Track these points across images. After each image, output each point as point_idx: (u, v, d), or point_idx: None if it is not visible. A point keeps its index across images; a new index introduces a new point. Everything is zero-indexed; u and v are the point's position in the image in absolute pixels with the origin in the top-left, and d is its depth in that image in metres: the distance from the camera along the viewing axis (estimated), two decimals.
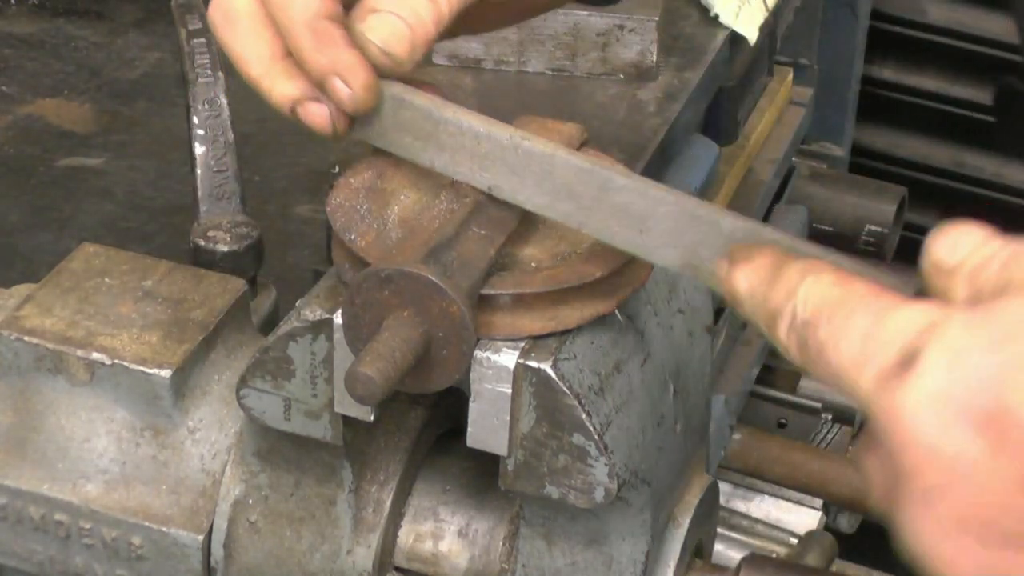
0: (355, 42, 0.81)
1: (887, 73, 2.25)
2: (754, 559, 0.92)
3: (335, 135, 0.83)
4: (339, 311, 0.80)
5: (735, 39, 1.48)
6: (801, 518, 1.80)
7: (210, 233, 1.01)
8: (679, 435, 0.89)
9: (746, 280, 0.71)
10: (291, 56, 0.82)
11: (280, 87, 0.83)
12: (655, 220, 0.77)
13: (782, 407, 1.83)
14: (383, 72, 0.81)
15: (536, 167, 0.80)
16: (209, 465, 0.92)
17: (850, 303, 0.65)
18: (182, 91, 1.06)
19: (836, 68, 2.02)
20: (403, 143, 0.83)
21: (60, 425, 0.93)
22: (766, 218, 1.72)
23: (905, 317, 0.63)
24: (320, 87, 0.81)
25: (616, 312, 0.83)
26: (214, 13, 0.84)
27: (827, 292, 0.67)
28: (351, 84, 0.80)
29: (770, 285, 0.69)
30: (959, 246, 0.67)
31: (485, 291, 0.78)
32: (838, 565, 1.83)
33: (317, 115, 0.82)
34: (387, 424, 0.90)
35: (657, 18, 1.39)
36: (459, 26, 0.87)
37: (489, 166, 0.81)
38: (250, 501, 0.90)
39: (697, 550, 0.95)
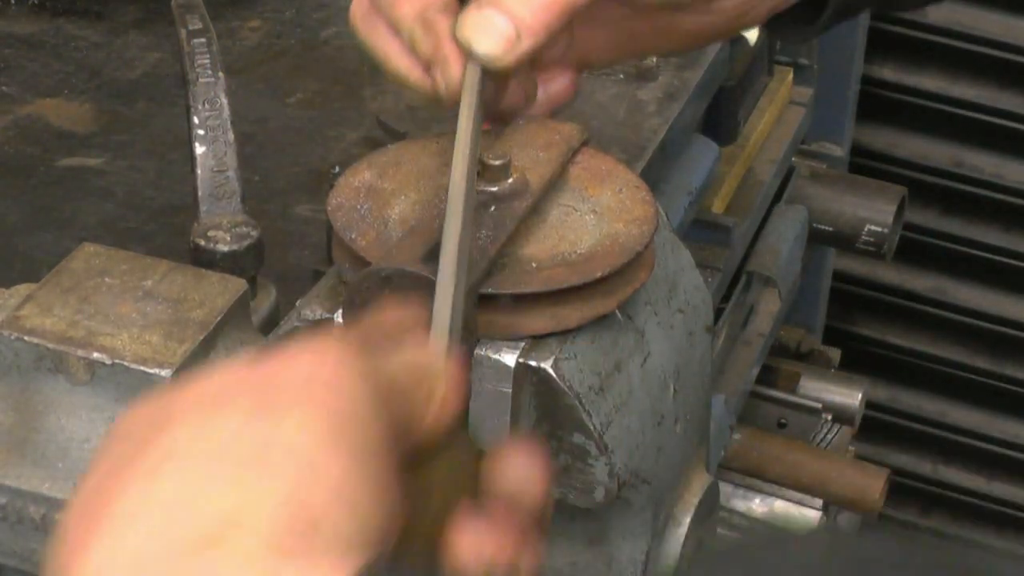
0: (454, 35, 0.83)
1: (887, 73, 2.25)
2: None
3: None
4: (339, 311, 0.80)
5: (735, 39, 1.48)
6: (801, 518, 1.80)
7: (210, 233, 1.01)
8: (679, 435, 0.89)
9: None
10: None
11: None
12: None
13: (782, 407, 1.83)
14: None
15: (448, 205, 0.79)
16: None
17: None
18: (182, 91, 1.06)
19: (836, 68, 2.01)
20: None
21: (60, 425, 0.93)
22: (766, 218, 1.72)
23: None
24: (429, 71, 0.84)
25: (616, 312, 0.83)
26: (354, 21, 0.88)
27: None
28: (445, 77, 0.82)
29: None
30: None
31: (485, 291, 0.78)
32: None
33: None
34: None
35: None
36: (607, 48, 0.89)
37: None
38: None
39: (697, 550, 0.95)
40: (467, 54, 0.82)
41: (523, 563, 0.65)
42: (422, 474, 0.64)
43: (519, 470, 0.65)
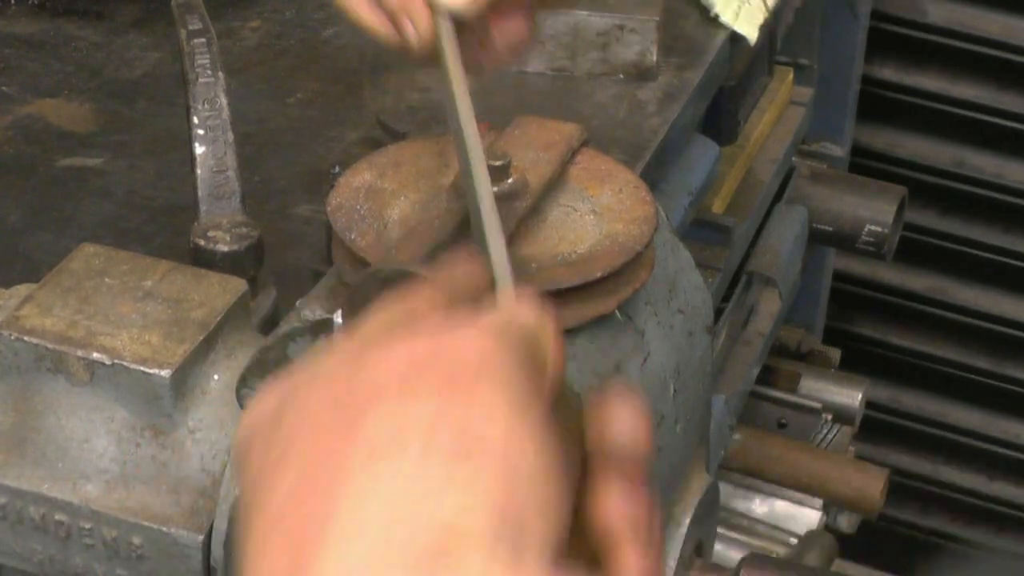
0: None
1: (887, 73, 2.25)
2: (754, 559, 0.92)
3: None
4: (339, 311, 0.80)
5: (735, 39, 1.48)
6: (801, 518, 1.80)
7: (210, 233, 1.01)
8: (679, 435, 0.89)
9: None
10: None
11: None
12: None
13: (782, 407, 1.83)
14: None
15: (460, 152, 0.79)
16: (209, 465, 0.92)
17: None
18: (182, 91, 1.06)
19: (836, 68, 2.01)
20: (442, 82, 0.84)
21: (60, 425, 0.93)
22: (766, 218, 1.72)
23: None
24: (395, 23, 0.85)
25: (616, 312, 0.83)
26: None
27: None
28: (416, 25, 0.83)
29: None
30: None
31: None
32: (838, 565, 1.83)
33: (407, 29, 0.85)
34: None
35: (657, 18, 1.38)
36: None
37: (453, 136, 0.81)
38: None
39: (697, 550, 0.95)
40: (434, 8, 0.83)
41: (655, 518, 0.63)
42: None
43: (624, 421, 0.63)
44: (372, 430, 0.57)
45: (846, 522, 1.90)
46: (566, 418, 0.63)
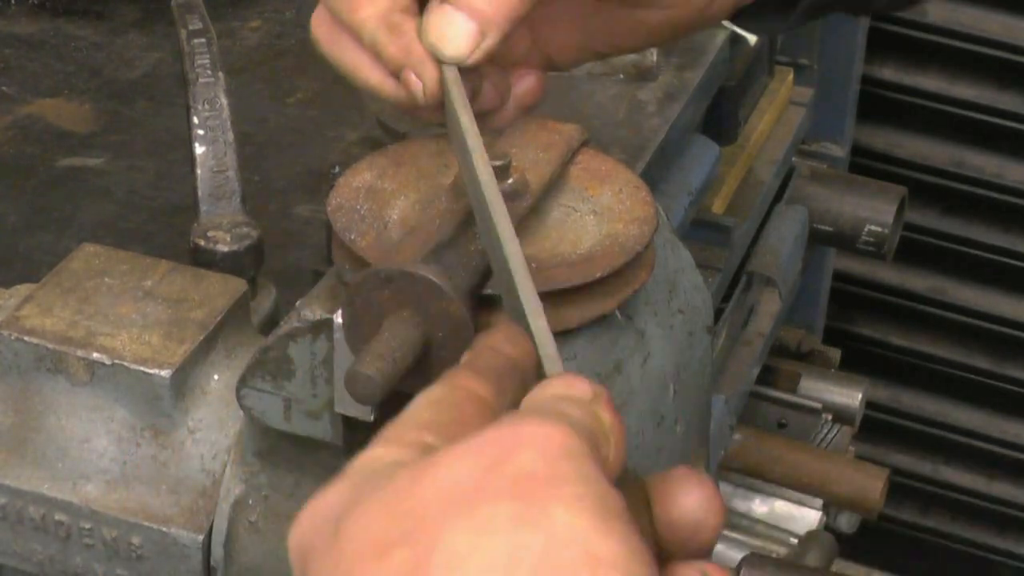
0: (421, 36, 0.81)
1: (887, 73, 2.25)
2: (754, 559, 0.92)
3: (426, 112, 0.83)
4: (339, 311, 0.80)
5: (735, 39, 1.48)
6: (801, 518, 1.80)
7: (210, 233, 1.01)
8: (679, 435, 0.89)
9: None
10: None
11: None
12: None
13: (782, 407, 1.83)
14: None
15: (481, 214, 0.76)
16: (209, 465, 0.92)
17: None
18: (182, 91, 1.06)
19: (836, 68, 2.01)
20: (449, 130, 0.82)
21: (60, 425, 0.93)
22: (766, 218, 1.72)
23: None
24: (396, 78, 0.82)
25: (616, 312, 0.83)
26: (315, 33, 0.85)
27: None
28: (422, 77, 0.81)
29: None
30: None
31: (485, 291, 0.78)
32: (838, 565, 1.83)
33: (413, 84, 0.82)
34: (387, 424, 0.90)
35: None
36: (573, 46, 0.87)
37: (468, 189, 0.79)
38: (250, 501, 0.90)
39: None
40: (436, 57, 0.81)
41: None
42: None
43: (694, 503, 0.60)
44: (447, 558, 0.53)
45: (846, 522, 1.90)
46: (633, 500, 0.59)
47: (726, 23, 1.46)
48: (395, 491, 0.56)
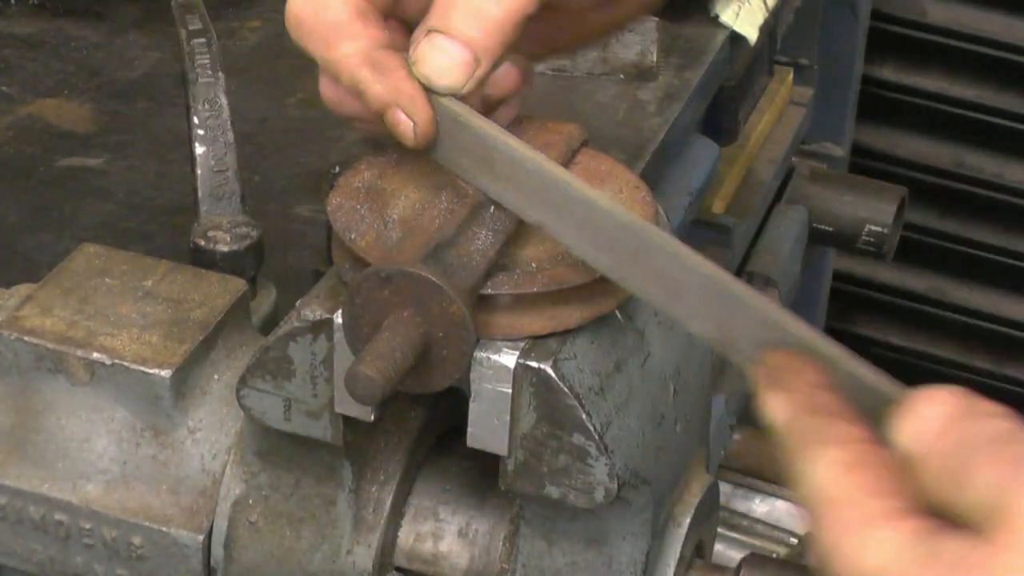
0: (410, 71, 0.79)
1: (887, 73, 2.25)
2: (754, 559, 0.92)
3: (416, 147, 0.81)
4: (339, 311, 0.80)
5: (735, 39, 1.48)
6: (801, 518, 1.80)
7: (210, 233, 1.01)
8: (679, 435, 0.89)
9: (782, 412, 0.72)
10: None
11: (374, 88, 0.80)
12: (686, 289, 0.74)
13: None
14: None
15: (579, 213, 0.77)
16: (209, 465, 0.92)
17: (843, 512, 0.65)
18: (182, 91, 1.06)
19: (836, 68, 2.02)
20: (461, 164, 0.81)
21: (60, 425, 0.93)
22: (766, 218, 1.72)
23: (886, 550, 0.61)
24: (383, 118, 0.80)
25: (616, 312, 0.83)
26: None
27: (829, 481, 0.67)
28: (413, 116, 0.79)
29: (798, 435, 0.70)
30: (921, 436, 0.65)
31: (485, 291, 0.78)
32: None
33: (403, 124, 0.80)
34: (387, 424, 0.90)
35: (657, 18, 1.38)
36: (532, 46, 0.86)
37: (537, 203, 0.78)
38: (250, 501, 0.90)
39: (697, 550, 0.95)
40: (430, 89, 0.79)
41: None
42: None
43: None
44: None
45: None
46: None
47: (723, 21, 1.47)
48: None
